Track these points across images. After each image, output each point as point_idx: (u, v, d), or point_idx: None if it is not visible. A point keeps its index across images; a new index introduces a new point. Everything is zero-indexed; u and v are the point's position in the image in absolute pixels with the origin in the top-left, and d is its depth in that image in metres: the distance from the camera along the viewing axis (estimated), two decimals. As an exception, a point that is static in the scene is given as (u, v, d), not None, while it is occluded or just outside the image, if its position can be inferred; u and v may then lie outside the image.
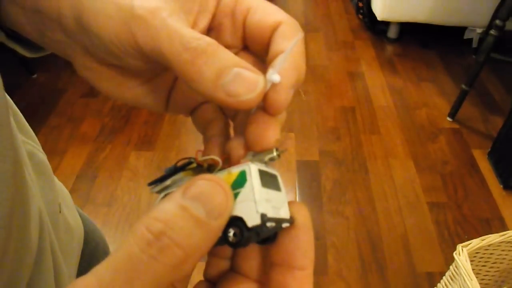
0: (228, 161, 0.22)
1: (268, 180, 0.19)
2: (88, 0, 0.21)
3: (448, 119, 1.85)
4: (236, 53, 0.23)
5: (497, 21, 1.59)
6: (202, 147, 0.24)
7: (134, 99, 0.25)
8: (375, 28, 2.41)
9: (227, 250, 0.22)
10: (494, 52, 1.66)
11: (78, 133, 1.75)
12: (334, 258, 1.33)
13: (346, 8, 2.70)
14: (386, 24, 2.34)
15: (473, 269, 0.85)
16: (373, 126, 1.81)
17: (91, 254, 0.47)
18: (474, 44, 2.23)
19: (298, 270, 0.19)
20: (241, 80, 0.19)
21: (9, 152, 0.25)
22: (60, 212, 0.38)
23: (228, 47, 0.21)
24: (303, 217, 0.20)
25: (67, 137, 1.74)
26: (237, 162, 0.21)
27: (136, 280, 0.14)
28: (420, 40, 2.38)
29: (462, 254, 0.84)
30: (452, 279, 0.91)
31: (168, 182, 0.21)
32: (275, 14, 0.22)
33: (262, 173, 0.19)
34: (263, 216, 0.17)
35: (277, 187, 0.20)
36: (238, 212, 0.17)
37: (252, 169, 0.18)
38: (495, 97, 1.99)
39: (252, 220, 0.17)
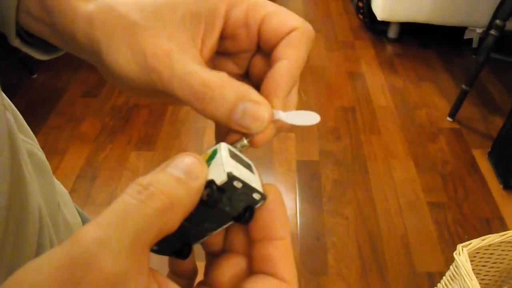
0: None
1: (239, 159, 0.22)
2: (101, 33, 0.23)
3: (448, 119, 1.85)
4: (250, 56, 0.26)
5: (497, 21, 1.59)
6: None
7: (148, 98, 0.27)
8: (375, 28, 2.41)
9: (219, 238, 0.24)
10: (494, 52, 1.66)
11: (78, 133, 1.75)
12: (334, 258, 1.33)
13: (346, 8, 2.70)
14: (386, 24, 2.34)
15: (473, 269, 0.85)
16: (373, 126, 1.81)
17: None
18: (474, 44, 2.23)
19: (278, 240, 0.21)
20: (249, 117, 0.22)
21: (6, 146, 0.25)
22: (59, 210, 0.38)
23: (243, 51, 0.25)
24: (275, 193, 0.22)
25: (67, 137, 1.73)
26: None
27: (128, 219, 0.16)
28: (420, 40, 2.38)
29: (462, 254, 0.84)
30: (452, 279, 0.91)
31: None
32: (291, 20, 0.24)
33: (232, 152, 0.22)
34: (228, 174, 0.20)
35: (250, 170, 0.22)
36: (210, 176, 0.20)
37: (222, 146, 0.22)
38: (495, 97, 1.99)
39: (220, 178, 0.20)
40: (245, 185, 0.21)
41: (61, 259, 0.15)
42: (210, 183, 0.20)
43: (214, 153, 0.21)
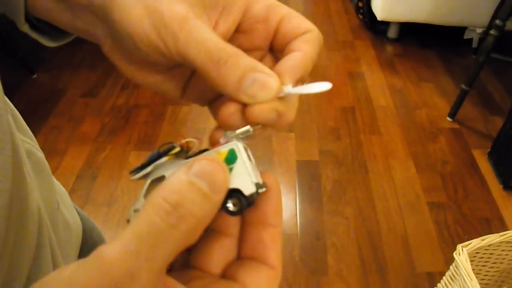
0: (211, 143, 0.24)
1: (248, 154, 0.22)
2: None
3: (448, 119, 1.85)
4: (262, 55, 0.26)
5: (497, 21, 1.59)
6: (201, 147, 0.24)
7: (153, 84, 0.27)
8: (375, 28, 2.41)
9: None
10: (494, 52, 1.66)
11: (78, 133, 1.75)
12: (334, 258, 1.33)
13: (346, 8, 2.70)
14: (386, 24, 2.34)
15: (473, 269, 0.85)
16: (373, 126, 1.81)
17: (89, 252, 0.47)
18: (474, 44, 2.23)
19: (272, 227, 0.22)
20: (258, 84, 0.22)
21: (8, 145, 0.25)
22: (58, 209, 0.38)
23: (256, 49, 0.26)
24: (274, 182, 0.22)
25: (67, 137, 1.73)
26: (216, 142, 0.23)
27: (158, 246, 0.16)
28: (420, 40, 2.38)
29: (462, 254, 0.84)
30: (452, 279, 0.91)
31: (149, 168, 0.23)
32: (306, 23, 0.25)
33: (245, 149, 0.22)
34: (257, 185, 0.20)
35: (251, 158, 0.22)
36: (235, 184, 0.20)
37: (240, 147, 0.21)
38: (495, 97, 1.99)
39: (249, 189, 0.20)
40: (261, 186, 0.21)
41: (86, 285, 0.15)
42: (235, 193, 0.20)
43: (232, 154, 0.21)
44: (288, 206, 1.48)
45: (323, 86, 0.23)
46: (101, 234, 0.52)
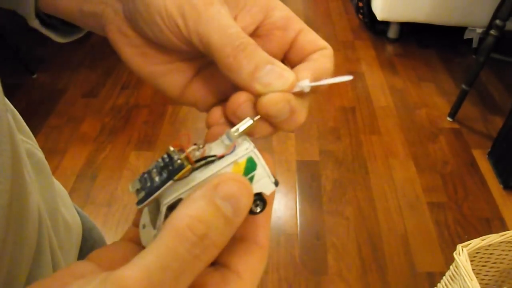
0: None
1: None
2: None
3: (448, 119, 1.85)
4: None
5: (497, 21, 1.59)
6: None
7: (151, 75, 0.26)
8: (375, 28, 2.41)
9: None
10: (494, 52, 1.66)
11: (78, 133, 1.75)
12: (334, 258, 1.33)
13: (346, 8, 2.70)
14: (386, 24, 2.34)
15: (473, 269, 0.85)
16: (373, 126, 1.81)
17: (89, 252, 0.47)
18: (474, 44, 2.23)
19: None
20: (275, 73, 0.22)
21: (7, 146, 0.25)
22: (58, 210, 0.38)
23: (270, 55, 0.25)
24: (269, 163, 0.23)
25: (67, 137, 1.73)
26: (214, 137, 0.22)
27: (182, 276, 0.16)
28: (420, 40, 2.38)
29: (462, 254, 0.84)
30: (452, 279, 0.91)
31: (157, 193, 0.20)
32: (322, 41, 0.25)
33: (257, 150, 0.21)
34: (275, 182, 0.21)
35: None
36: (257, 190, 0.21)
37: (257, 153, 0.21)
38: (495, 97, 1.99)
39: (270, 189, 0.21)
40: (275, 182, 0.22)
41: None
42: (257, 196, 0.21)
43: (251, 163, 0.20)
44: (288, 206, 1.48)
45: (344, 78, 0.23)
46: (101, 234, 0.52)
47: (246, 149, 0.20)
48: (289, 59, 0.26)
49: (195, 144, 0.21)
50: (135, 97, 1.94)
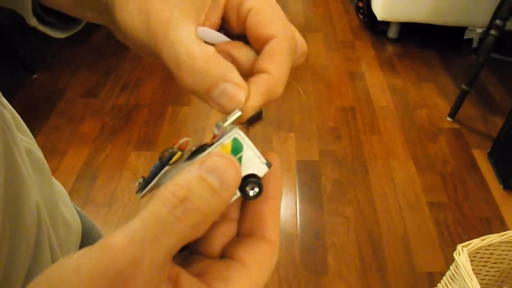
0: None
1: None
2: None
3: (448, 119, 1.85)
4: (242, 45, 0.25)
5: (497, 21, 1.59)
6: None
7: (156, 60, 0.27)
8: (375, 28, 2.41)
9: None
10: (494, 52, 1.66)
11: (78, 133, 1.75)
12: (334, 258, 1.33)
13: (346, 8, 2.70)
14: (386, 24, 2.34)
15: (473, 269, 0.85)
16: (373, 126, 1.81)
17: None
18: (474, 44, 2.23)
19: (272, 200, 0.22)
20: (227, 96, 0.22)
21: None
22: (58, 208, 0.39)
23: (235, 38, 0.24)
24: (274, 157, 0.23)
25: (67, 137, 1.73)
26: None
27: (163, 236, 0.16)
28: (420, 40, 2.38)
29: (462, 254, 0.84)
30: (452, 279, 0.91)
31: (154, 181, 0.23)
32: (271, 25, 0.23)
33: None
34: (267, 164, 0.21)
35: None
36: (248, 171, 0.21)
37: (242, 134, 0.21)
38: (495, 97, 1.99)
39: (262, 170, 0.21)
40: (268, 163, 0.22)
41: (92, 271, 0.15)
42: (251, 178, 0.21)
43: (236, 143, 0.21)
44: (288, 206, 1.48)
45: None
46: (100, 233, 0.52)
47: (231, 131, 0.21)
48: (250, 40, 0.24)
49: (187, 136, 0.23)
50: (135, 97, 1.94)
